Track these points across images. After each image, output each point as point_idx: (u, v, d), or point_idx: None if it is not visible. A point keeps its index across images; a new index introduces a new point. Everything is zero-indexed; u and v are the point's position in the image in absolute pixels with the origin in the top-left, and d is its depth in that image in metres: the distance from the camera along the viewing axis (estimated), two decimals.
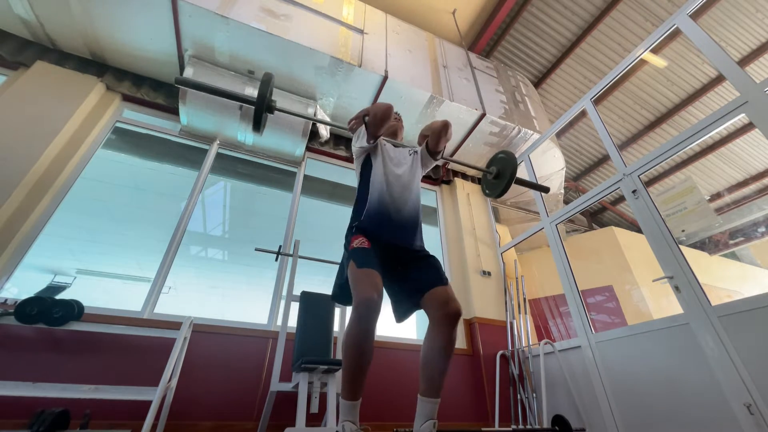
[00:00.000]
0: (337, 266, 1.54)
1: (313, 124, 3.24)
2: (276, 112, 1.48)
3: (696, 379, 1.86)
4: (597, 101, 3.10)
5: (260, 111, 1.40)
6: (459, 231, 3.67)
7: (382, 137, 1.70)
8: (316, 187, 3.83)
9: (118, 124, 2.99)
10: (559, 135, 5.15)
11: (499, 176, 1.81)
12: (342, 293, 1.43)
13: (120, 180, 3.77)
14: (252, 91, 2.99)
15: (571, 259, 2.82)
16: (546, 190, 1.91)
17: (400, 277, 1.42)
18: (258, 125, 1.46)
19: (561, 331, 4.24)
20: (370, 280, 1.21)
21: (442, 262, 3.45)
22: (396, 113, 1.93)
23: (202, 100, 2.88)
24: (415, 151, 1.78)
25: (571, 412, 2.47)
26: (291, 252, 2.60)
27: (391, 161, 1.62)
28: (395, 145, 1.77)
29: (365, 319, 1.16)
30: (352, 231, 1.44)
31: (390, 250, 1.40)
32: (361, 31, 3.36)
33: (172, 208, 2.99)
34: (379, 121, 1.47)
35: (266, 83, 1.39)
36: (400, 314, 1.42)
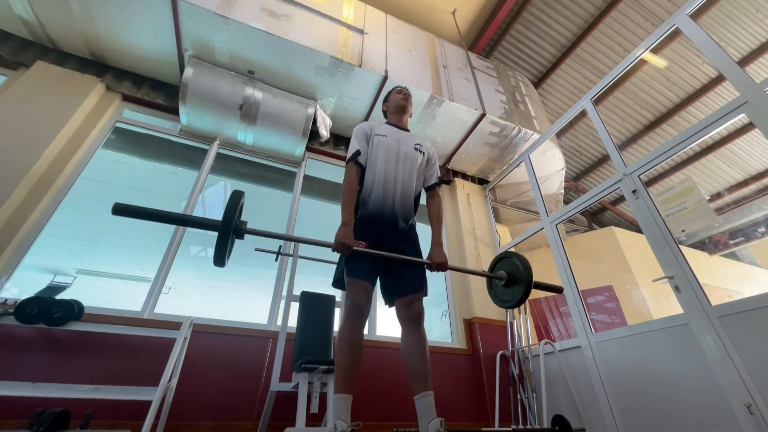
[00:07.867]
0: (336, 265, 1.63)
1: (313, 124, 3.24)
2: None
3: (696, 379, 1.86)
4: (597, 101, 3.10)
5: (226, 237, 1.13)
6: (459, 231, 3.66)
7: (378, 134, 1.75)
8: (316, 187, 3.83)
9: (118, 124, 2.99)
10: (559, 135, 5.15)
11: (513, 284, 1.58)
12: (340, 285, 1.58)
13: (120, 180, 3.76)
14: (252, 92, 2.99)
15: (571, 259, 2.82)
16: (560, 290, 1.72)
17: (392, 272, 1.53)
18: (222, 255, 1.15)
19: (561, 331, 4.24)
20: (360, 288, 1.40)
21: None
22: (404, 89, 1.94)
23: (202, 101, 2.88)
24: (421, 152, 1.82)
25: (571, 412, 2.47)
26: (291, 252, 2.60)
27: (387, 149, 1.70)
28: (400, 128, 1.82)
29: (356, 318, 1.36)
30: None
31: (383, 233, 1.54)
32: (361, 31, 3.36)
33: (172, 209, 2.99)
34: (346, 250, 1.38)
35: (234, 205, 1.17)
36: (386, 301, 1.60)
